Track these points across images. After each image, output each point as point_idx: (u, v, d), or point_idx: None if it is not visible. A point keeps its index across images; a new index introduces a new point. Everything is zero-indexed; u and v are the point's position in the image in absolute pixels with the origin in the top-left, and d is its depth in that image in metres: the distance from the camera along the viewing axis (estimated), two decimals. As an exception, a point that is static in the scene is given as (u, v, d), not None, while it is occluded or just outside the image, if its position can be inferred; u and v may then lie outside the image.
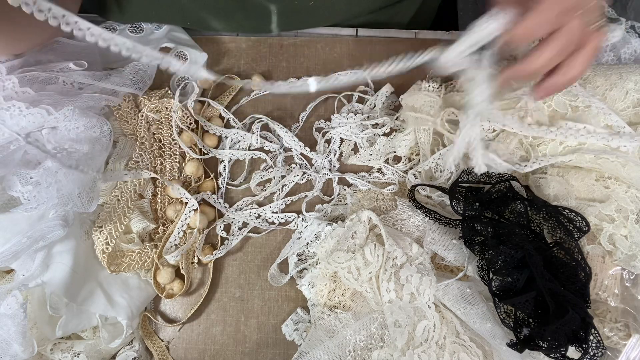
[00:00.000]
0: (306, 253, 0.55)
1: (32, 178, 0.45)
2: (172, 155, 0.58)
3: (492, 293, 0.47)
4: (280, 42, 0.63)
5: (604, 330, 0.49)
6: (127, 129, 0.57)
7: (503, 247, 0.47)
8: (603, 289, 0.51)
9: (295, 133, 0.60)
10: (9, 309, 0.44)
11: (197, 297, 0.56)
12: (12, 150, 0.49)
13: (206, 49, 0.62)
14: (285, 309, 0.56)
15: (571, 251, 0.48)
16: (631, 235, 0.49)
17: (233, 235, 0.57)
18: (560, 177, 0.52)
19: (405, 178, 0.57)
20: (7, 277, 0.50)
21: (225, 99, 0.61)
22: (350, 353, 0.48)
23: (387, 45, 0.63)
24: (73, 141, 0.50)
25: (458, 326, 0.48)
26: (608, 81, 0.52)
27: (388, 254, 0.50)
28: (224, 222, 0.57)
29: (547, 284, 0.45)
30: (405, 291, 0.48)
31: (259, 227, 0.57)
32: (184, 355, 0.55)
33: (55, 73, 0.55)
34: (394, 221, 0.54)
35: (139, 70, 0.58)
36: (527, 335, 0.44)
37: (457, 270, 0.52)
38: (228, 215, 0.57)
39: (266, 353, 0.55)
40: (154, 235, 0.56)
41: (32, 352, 0.45)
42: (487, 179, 0.52)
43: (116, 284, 0.52)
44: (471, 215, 0.50)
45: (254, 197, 0.58)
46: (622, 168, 0.49)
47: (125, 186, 0.53)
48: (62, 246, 0.49)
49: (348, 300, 0.52)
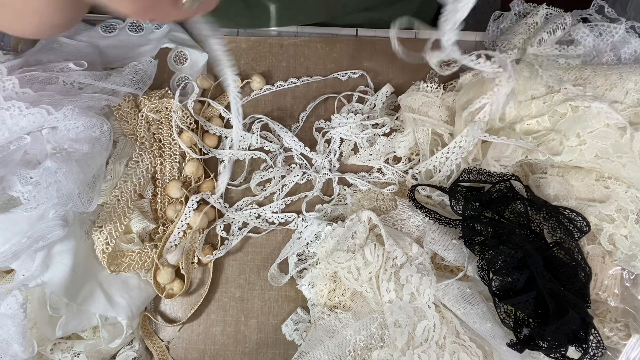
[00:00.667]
0: (306, 253, 0.55)
1: (32, 178, 0.45)
2: (172, 155, 0.57)
3: (492, 293, 0.47)
4: (280, 42, 0.63)
5: (604, 330, 0.49)
6: (127, 129, 0.57)
7: (503, 247, 0.47)
8: (603, 289, 0.51)
9: (295, 133, 0.60)
10: (9, 309, 0.44)
11: (197, 297, 0.56)
12: (12, 150, 0.49)
13: (205, 48, 0.62)
14: (285, 309, 0.56)
15: (571, 251, 0.48)
16: (631, 235, 0.49)
17: (233, 235, 0.57)
18: (560, 177, 0.52)
19: (405, 178, 0.57)
20: (7, 277, 0.50)
21: (226, 99, 0.61)
22: (350, 353, 0.48)
23: (387, 45, 0.63)
24: (73, 141, 0.50)
25: (458, 326, 0.48)
26: (608, 81, 0.52)
27: (388, 254, 0.50)
28: (223, 222, 0.57)
29: (547, 284, 0.45)
30: (405, 291, 0.48)
31: (259, 227, 0.57)
32: (184, 355, 0.55)
33: (55, 73, 0.55)
34: (394, 221, 0.54)
35: (139, 70, 0.58)
36: (527, 335, 0.44)
37: (457, 270, 0.52)
38: (228, 215, 0.57)
39: (266, 353, 0.55)
40: (154, 235, 0.56)
41: (32, 352, 0.45)
42: (487, 178, 0.52)
43: (116, 284, 0.52)
44: (471, 215, 0.50)
45: (254, 197, 0.58)
46: (622, 168, 0.49)
47: (125, 186, 0.53)
48: (62, 246, 0.49)
49: (348, 300, 0.52)
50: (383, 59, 0.63)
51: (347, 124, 0.58)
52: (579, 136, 0.51)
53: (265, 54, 0.63)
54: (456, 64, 0.52)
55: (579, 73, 0.53)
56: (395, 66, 0.62)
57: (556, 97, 0.52)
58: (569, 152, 0.51)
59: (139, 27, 0.63)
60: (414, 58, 0.48)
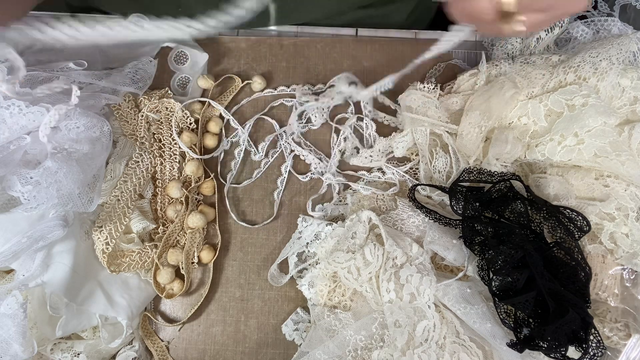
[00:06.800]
0: (306, 253, 0.55)
1: (32, 178, 0.45)
2: (172, 155, 0.58)
3: (492, 293, 0.47)
4: (280, 42, 0.63)
5: (604, 330, 0.49)
6: (127, 129, 0.57)
7: (503, 247, 0.47)
8: (603, 289, 0.50)
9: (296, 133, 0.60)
10: (9, 309, 0.44)
11: (197, 297, 0.56)
12: (12, 150, 0.49)
13: (206, 48, 0.62)
14: (285, 309, 0.56)
15: (571, 251, 0.48)
16: (632, 233, 0.49)
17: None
18: (560, 177, 0.52)
19: (406, 178, 0.57)
20: (7, 277, 0.50)
21: (226, 99, 0.61)
22: (350, 353, 0.48)
23: (387, 45, 0.63)
24: (73, 141, 0.50)
25: (458, 326, 0.48)
26: (598, 70, 0.52)
27: (388, 254, 0.50)
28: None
29: (547, 284, 0.45)
30: (405, 291, 0.48)
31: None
32: (184, 355, 0.55)
33: (55, 73, 0.55)
34: (394, 221, 0.54)
35: (139, 69, 0.58)
36: (527, 335, 0.45)
37: (457, 270, 0.52)
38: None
39: (266, 353, 0.55)
40: (154, 235, 0.56)
41: (32, 352, 0.45)
42: (488, 178, 0.52)
43: (116, 284, 0.52)
44: (471, 215, 0.50)
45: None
46: (621, 166, 0.49)
47: (125, 186, 0.53)
48: (62, 246, 0.49)
49: (348, 300, 0.52)
50: (383, 58, 0.63)
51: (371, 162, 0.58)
52: (577, 135, 0.51)
53: (265, 54, 0.63)
54: None
55: (567, 62, 0.53)
56: (395, 66, 0.62)
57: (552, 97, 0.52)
58: (568, 152, 0.51)
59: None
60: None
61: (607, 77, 0.52)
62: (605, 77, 0.52)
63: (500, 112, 0.54)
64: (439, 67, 0.62)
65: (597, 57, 0.52)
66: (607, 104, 0.51)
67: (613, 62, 0.52)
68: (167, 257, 0.54)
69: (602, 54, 0.52)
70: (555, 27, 0.58)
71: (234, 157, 0.59)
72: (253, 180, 0.59)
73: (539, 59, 0.56)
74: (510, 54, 0.60)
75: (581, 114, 0.50)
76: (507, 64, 0.57)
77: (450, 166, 0.56)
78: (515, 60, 0.57)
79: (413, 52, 0.62)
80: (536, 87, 0.54)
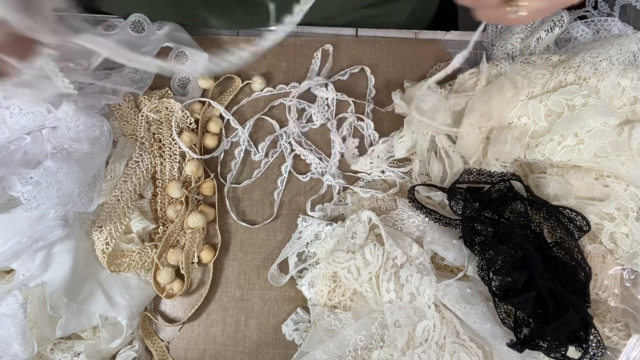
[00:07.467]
0: (306, 253, 0.55)
1: (32, 178, 0.45)
2: (172, 155, 0.58)
3: (492, 293, 0.47)
4: (280, 42, 0.63)
5: (604, 330, 0.49)
6: (127, 129, 0.57)
7: (503, 247, 0.47)
8: (603, 289, 0.50)
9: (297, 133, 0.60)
10: (9, 309, 0.44)
11: (197, 297, 0.56)
12: (12, 150, 0.49)
13: (207, 48, 0.62)
14: (285, 309, 0.56)
15: (571, 251, 0.48)
16: (632, 233, 0.49)
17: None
18: (560, 177, 0.52)
19: (406, 179, 0.57)
20: (7, 277, 0.50)
21: (226, 99, 0.61)
22: (350, 353, 0.48)
23: (387, 45, 0.63)
24: (73, 141, 0.50)
25: (458, 326, 0.48)
26: (598, 70, 0.52)
27: (388, 254, 0.50)
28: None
29: (547, 284, 0.45)
30: (405, 291, 0.48)
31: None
32: (184, 355, 0.55)
33: (55, 73, 0.55)
34: (394, 221, 0.54)
35: (139, 69, 0.58)
36: (527, 335, 0.45)
37: (457, 270, 0.52)
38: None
39: (266, 353, 0.55)
40: (154, 235, 0.56)
41: (32, 352, 0.45)
42: (488, 179, 0.52)
43: (116, 284, 0.52)
44: (471, 215, 0.50)
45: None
46: (621, 166, 0.49)
47: (125, 186, 0.53)
48: (62, 246, 0.49)
49: (348, 300, 0.52)
50: (383, 58, 0.63)
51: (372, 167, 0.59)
52: (577, 135, 0.51)
53: (265, 54, 0.63)
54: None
55: (568, 63, 0.53)
56: (395, 66, 0.62)
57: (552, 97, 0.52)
58: (568, 152, 0.51)
59: (140, 27, 0.63)
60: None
61: (607, 77, 0.52)
62: (606, 77, 0.52)
63: (501, 113, 0.54)
64: (438, 67, 0.62)
65: (597, 57, 0.52)
66: (607, 104, 0.51)
67: (613, 62, 0.52)
68: (167, 257, 0.54)
69: (602, 54, 0.53)
70: (555, 27, 0.58)
71: (234, 157, 0.60)
72: (253, 180, 0.59)
73: (539, 59, 0.56)
74: (510, 54, 0.60)
75: (581, 114, 0.50)
76: (507, 64, 0.57)
77: (444, 172, 0.56)
78: (515, 60, 0.57)
79: (413, 52, 0.63)
80: (536, 87, 0.54)
